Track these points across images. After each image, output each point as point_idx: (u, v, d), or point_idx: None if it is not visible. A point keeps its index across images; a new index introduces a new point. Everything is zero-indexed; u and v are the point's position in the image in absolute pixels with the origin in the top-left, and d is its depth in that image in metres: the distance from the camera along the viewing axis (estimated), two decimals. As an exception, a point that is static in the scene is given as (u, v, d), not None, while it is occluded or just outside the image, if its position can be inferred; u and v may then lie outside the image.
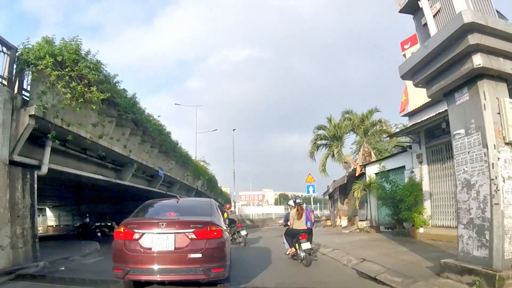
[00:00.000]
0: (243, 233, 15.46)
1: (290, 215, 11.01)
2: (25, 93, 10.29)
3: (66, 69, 10.02)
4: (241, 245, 15.07)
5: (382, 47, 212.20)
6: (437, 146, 13.45)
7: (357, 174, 18.77)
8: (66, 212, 38.51)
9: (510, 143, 6.04)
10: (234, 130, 41.67)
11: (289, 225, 10.90)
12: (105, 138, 13.44)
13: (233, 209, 44.40)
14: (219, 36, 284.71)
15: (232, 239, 14.31)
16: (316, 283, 7.68)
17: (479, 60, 6.06)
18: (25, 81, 10.28)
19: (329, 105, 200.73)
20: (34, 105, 9.35)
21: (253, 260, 11.38)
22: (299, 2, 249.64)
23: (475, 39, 5.90)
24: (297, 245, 10.20)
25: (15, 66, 9.85)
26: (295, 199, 11.17)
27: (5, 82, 9.54)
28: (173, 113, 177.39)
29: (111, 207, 31.72)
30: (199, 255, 5.68)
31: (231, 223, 15.18)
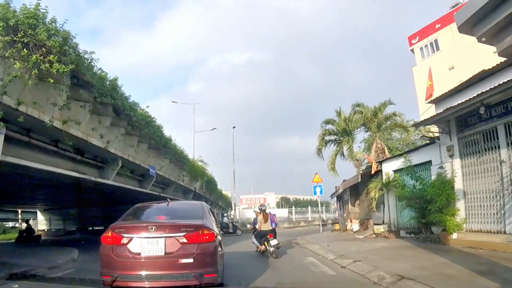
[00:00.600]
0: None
1: (258, 220, 12.91)
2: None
3: (18, 35, 8.03)
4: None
5: (382, 48, 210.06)
6: (472, 136, 11.42)
7: (373, 171, 16.58)
8: (57, 216, 36.40)
9: None
10: (234, 127, 39.56)
11: (257, 228, 12.83)
12: (78, 127, 11.32)
13: (232, 213, 43.02)
14: (219, 39, 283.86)
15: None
16: (317, 283, 7.52)
17: None
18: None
19: (329, 107, 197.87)
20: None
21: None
22: (299, 3, 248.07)
23: None
24: (266, 243, 12.23)
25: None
26: (260, 207, 12.82)
27: None
28: (174, 117, 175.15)
29: (104, 210, 29.64)
30: (191, 260, 5.47)
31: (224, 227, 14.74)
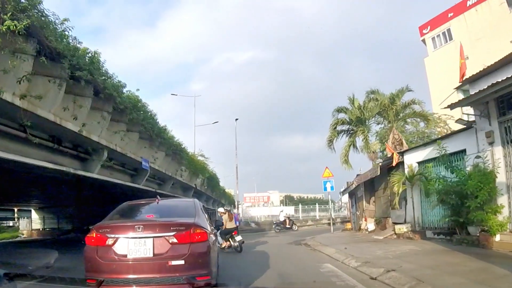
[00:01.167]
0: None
1: (223, 219, 14.40)
2: None
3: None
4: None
5: (385, 46, 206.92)
6: (517, 120, 9.53)
7: (394, 163, 14.62)
8: (51, 214, 34.70)
9: None
10: (236, 119, 37.69)
11: (221, 228, 13.88)
12: (49, 107, 9.45)
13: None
14: (221, 38, 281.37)
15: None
16: (317, 283, 7.30)
17: None
18: None
19: (332, 106, 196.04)
20: None
21: None
22: (301, 2, 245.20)
23: None
24: (231, 239, 13.77)
25: None
26: (225, 207, 13.35)
27: None
28: (176, 116, 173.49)
29: (101, 209, 27.72)
30: (182, 262, 5.08)
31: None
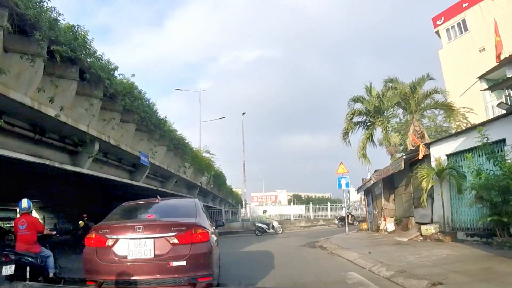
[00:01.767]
0: None
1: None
2: None
3: None
4: None
5: (395, 43, 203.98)
6: None
7: (421, 155, 13.04)
8: (52, 214, 33.60)
9: None
10: (244, 113, 36.15)
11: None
12: (23, 89, 8.08)
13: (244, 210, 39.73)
14: (228, 37, 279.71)
15: None
16: (316, 283, 7.02)
17: None
18: None
19: (340, 104, 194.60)
20: None
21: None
22: (309, 0, 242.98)
23: None
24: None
25: None
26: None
27: None
28: (184, 115, 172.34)
29: (104, 208, 26.50)
30: (183, 263, 4.94)
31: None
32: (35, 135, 9.86)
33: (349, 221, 26.89)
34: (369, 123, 18.99)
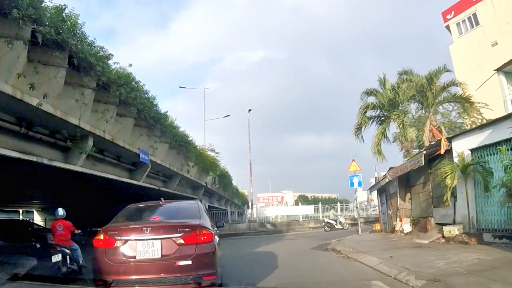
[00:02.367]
0: None
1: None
2: None
3: None
4: None
5: (398, 45, 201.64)
6: None
7: (442, 150, 12.01)
8: (53, 216, 32.68)
9: None
10: (249, 110, 35.30)
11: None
12: (3, 76, 7.22)
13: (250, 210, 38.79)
14: (233, 38, 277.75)
15: None
16: (316, 283, 7.01)
17: None
18: None
19: (345, 104, 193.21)
20: None
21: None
22: (312, 0, 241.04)
23: None
24: None
25: None
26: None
27: None
28: (190, 117, 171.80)
29: (106, 209, 25.72)
30: (189, 262, 5.17)
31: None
32: (21, 129, 8.97)
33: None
34: (383, 118, 17.91)
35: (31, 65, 7.82)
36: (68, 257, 8.85)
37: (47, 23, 7.57)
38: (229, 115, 39.04)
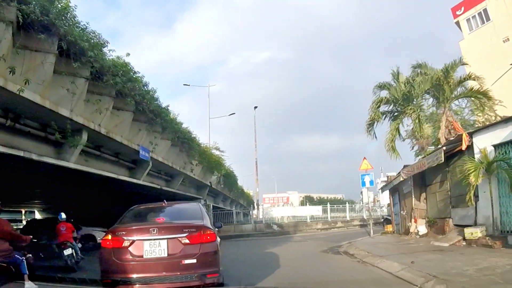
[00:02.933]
0: None
1: None
2: None
3: None
4: None
5: (404, 44, 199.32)
6: None
7: (464, 146, 11.14)
8: (54, 216, 32.19)
9: None
10: (255, 107, 34.60)
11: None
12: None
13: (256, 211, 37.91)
14: (238, 38, 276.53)
15: None
16: (316, 284, 7.02)
17: None
18: None
19: (351, 105, 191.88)
20: None
21: None
22: (318, 0, 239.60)
23: None
24: None
25: None
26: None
27: None
28: (195, 117, 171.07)
29: (109, 210, 25.06)
30: (194, 261, 5.42)
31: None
32: (7, 121, 8.23)
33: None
34: (396, 113, 17.02)
35: (14, 51, 7.08)
36: (74, 250, 10.81)
37: (32, 2, 6.83)
38: (234, 113, 38.07)
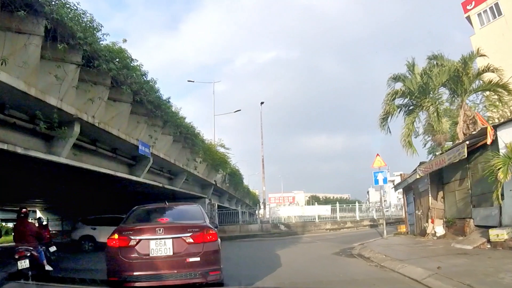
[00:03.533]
0: None
1: None
2: None
3: None
4: None
5: (412, 43, 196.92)
6: None
7: (489, 140, 10.23)
8: (56, 216, 31.82)
9: None
10: (262, 103, 33.50)
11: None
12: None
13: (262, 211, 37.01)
14: (244, 38, 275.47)
15: None
16: (317, 283, 7.16)
17: None
18: None
19: (357, 104, 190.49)
20: None
21: None
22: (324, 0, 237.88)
23: None
24: None
25: None
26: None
27: None
28: (200, 117, 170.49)
29: (111, 209, 24.42)
30: (198, 259, 5.67)
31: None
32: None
33: None
34: (411, 106, 16.10)
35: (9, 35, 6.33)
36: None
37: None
38: (240, 110, 37.10)
